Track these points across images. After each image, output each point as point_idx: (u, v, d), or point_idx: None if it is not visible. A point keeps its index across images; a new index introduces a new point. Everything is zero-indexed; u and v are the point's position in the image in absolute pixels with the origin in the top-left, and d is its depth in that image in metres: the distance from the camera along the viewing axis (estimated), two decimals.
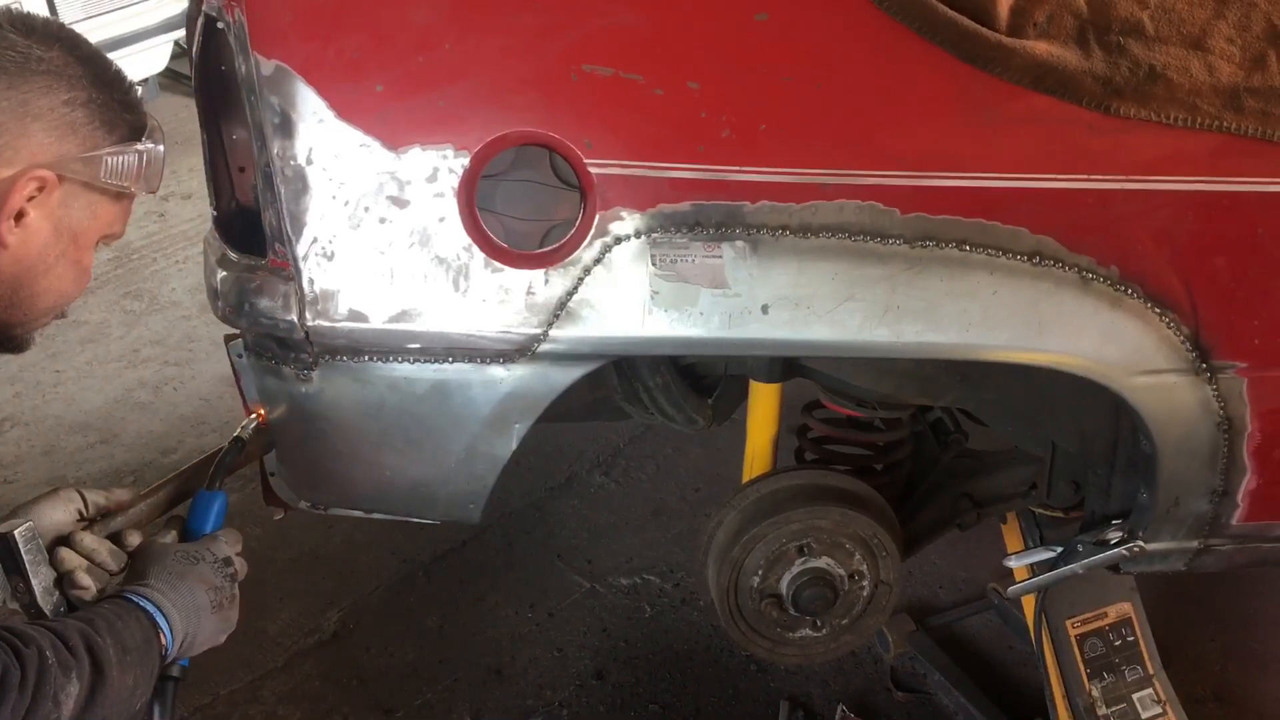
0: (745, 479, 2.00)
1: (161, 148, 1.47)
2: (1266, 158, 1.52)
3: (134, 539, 1.47)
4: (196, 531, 1.52)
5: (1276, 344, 1.62)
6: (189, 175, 4.87)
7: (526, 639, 2.75)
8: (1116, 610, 2.19)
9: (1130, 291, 1.55)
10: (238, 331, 1.67)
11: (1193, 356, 1.59)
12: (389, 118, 1.45)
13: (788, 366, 1.87)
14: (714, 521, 1.93)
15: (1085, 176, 1.51)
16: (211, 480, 1.57)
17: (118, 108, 1.41)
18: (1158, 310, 1.56)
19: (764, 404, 1.94)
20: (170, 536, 1.51)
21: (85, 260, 1.44)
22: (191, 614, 1.40)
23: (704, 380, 2.00)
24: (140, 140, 1.43)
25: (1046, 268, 1.53)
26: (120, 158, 1.40)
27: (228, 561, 1.48)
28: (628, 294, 1.51)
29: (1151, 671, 2.19)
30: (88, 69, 1.38)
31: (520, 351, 1.54)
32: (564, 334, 1.52)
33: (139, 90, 1.49)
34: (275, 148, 1.46)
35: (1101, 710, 2.14)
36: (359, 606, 2.87)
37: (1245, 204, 1.55)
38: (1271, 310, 1.60)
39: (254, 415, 1.67)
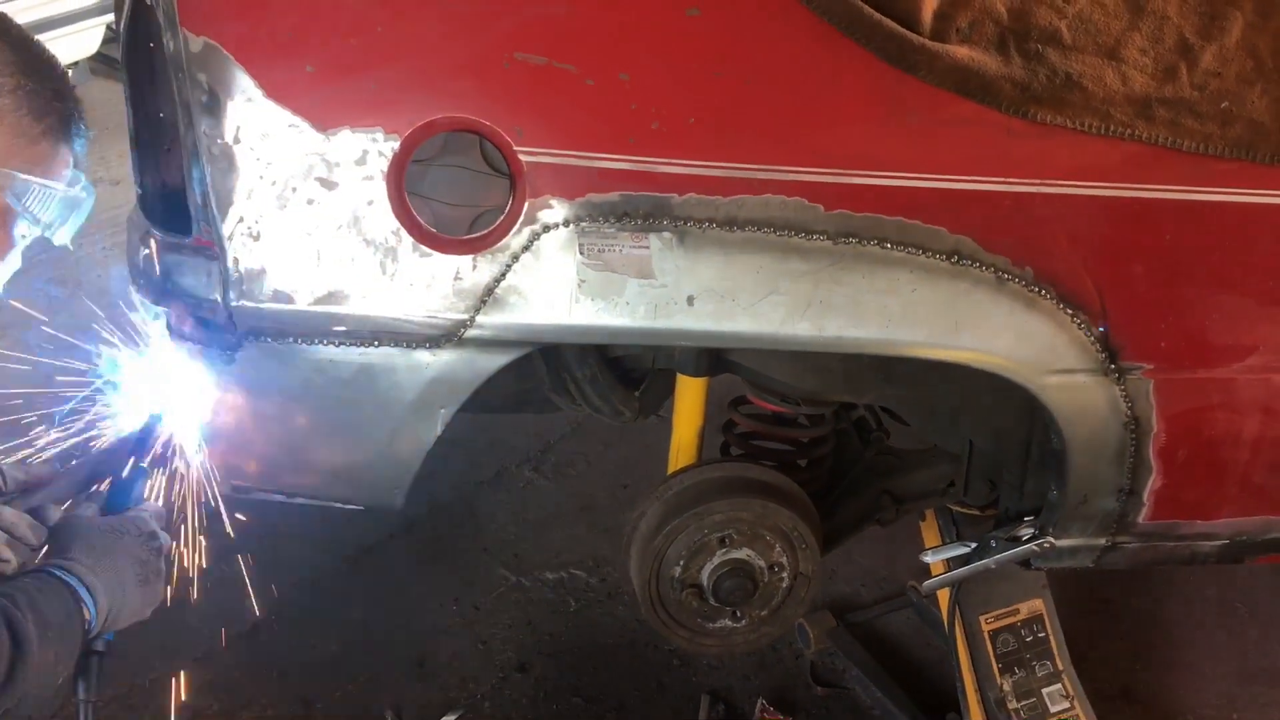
0: (670, 472, 2.02)
1: (88, 203, 1.45)
2: (1175, 166, 1.58)
3: (54, 513, 1.45)
4: (118, 506, 1.50)
5: (1183, 347, 1.68)
6: (118, 161, 4.71)
7: (451, 632, 2.75)
8: (1029, 607, 2.25)
9: (1044, 293, 1.59)
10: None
11: (1102, 358, 1.64)
12: (319, 99, 1.45)
13: (714, 361, 1.90)
14: (637, 512, 1.95)
15: (1003, 179, 1.55)
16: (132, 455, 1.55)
17: (48, 95, 1.39)
18: (1070, 311, 1.61)
19: (690, 398, 1.96)
20: (91, 511, 1.49)
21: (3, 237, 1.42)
22: (116, 588, 1.38)
23: (632, 374, 2.02)
24: (69, 179, 1.42)
25: (964, 267, 1.57)
26: (44, 194, 1.38)
27: (153, 535, 1.46)
28: (555, 282, 1.52)
29: (1061, 668, 2.25)
30: (18, 55, 1.36)
31: (446, 337, 1.54)
32: (490, 320, 1.53)
33: (70, 76, 1.47)
34: (202, 126, 1.45)
35: (1012, 704, 2.19)
36: (281, 598, 2.84)
37: (1154, 210, 1.60)
38: (1178, 314, 1.66)
39: (173, 390, 1.65)
